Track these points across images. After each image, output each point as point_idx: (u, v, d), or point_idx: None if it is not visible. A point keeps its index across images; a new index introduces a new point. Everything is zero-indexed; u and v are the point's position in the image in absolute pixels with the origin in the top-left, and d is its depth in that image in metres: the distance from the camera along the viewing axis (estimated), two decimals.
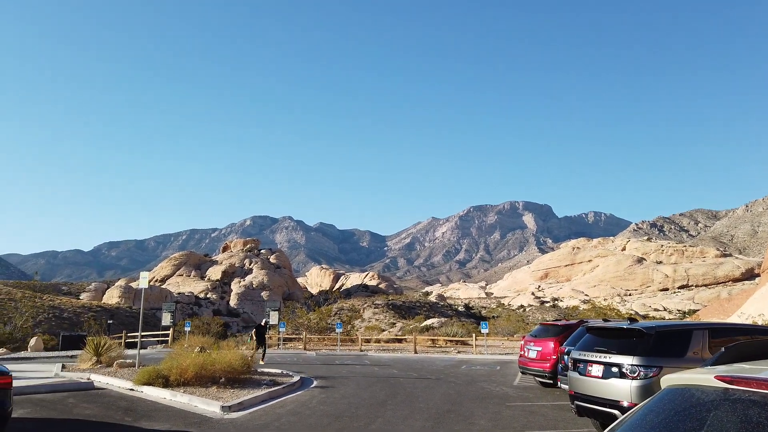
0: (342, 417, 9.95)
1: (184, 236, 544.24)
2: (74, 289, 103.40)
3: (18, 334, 40.66)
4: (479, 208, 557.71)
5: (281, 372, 16.26)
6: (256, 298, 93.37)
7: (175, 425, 9.21)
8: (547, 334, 14.20)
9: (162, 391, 12.32)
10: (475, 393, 13.00)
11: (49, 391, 13.02)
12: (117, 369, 16.55)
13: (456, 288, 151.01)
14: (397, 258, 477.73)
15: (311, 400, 11.95)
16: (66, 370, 17.41)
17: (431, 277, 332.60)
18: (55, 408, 10.83)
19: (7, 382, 7.10)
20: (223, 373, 13.30)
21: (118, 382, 14.15)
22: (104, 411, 10.55)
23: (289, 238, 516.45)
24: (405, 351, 28.87)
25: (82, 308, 67.24)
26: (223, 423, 9.45)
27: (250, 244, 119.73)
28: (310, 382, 14.87)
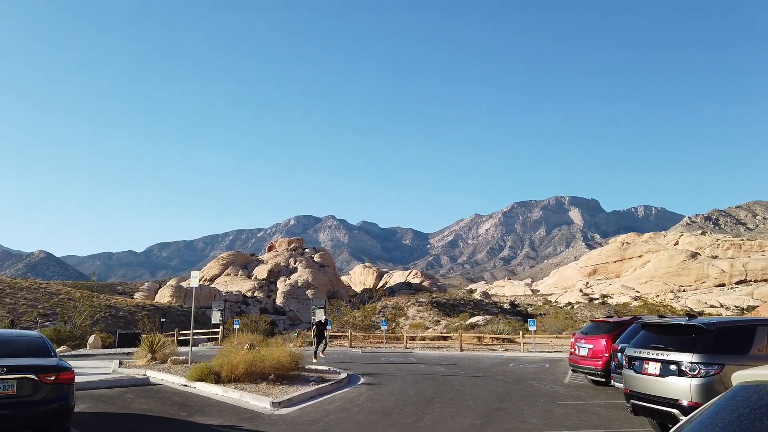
0: (390, 414, 9.95)
1: (230, 236, 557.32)
2: (128, 289, 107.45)
3: (77, 332, 42.50)
4: (523, 204, 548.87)
5: (328, 369, 16.41)
6: (302, 296, 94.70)
7: (227, 420, 9.41)
8: (598, 331, 13.83)
9: (214, 387, 12.62)
10: (525, 391, 12.77)
11: (108, 386, 13.54)
12: (171, 365, 17.06)
13: (501, 285, 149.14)
14: (440, 255, 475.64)
15: (359, 396, 12.00)
16: (123, 366, 18.08)
17: (475, 275, 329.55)
18: (114, 403, 11.25)
19: (70, 377, 7.40)
20: (272, 370, 13.51)
21: (172, 378, 14.58)
22: (160, 406, 10.89)
23: (333, 237, 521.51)
24: (450, 349, 28.68)
25: (136, 307, 69.77)
26: (274, 419, 9.60)
27: (295, 244, 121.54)
28: (357, 379, 14.95)
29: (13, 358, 7.20)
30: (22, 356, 7.43)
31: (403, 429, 8.64)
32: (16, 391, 6.83)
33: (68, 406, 7.29)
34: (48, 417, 7.07)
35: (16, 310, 56.55)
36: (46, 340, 8.27)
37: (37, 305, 60.76)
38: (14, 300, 61.52)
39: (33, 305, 60.61)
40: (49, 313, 57.98)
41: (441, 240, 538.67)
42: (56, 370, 7.24)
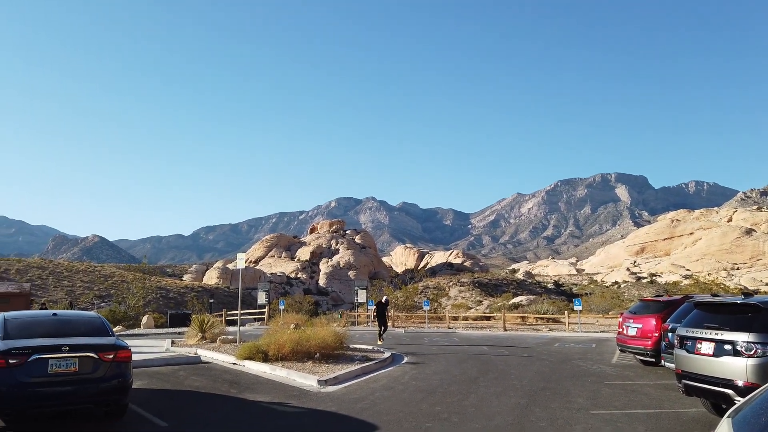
0: (435, 392, 10.01)
1: (273, 219, 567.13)
2: (177, 271, 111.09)
3: (131, 313, 44.36)
4: (567, 182, 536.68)
5: (372, 348, 16.60)
6: (344, 277, 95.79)
7: (276, 397, 9.67)
8: (648, 310, 13.49)
9: (262, 366, 12.97)
10: (571, 371, 12.62)
11: (162, 364, 14.10)
12: (220, 344, 17.60)
13: (544, 265, 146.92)
14: (481, 236, 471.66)
15: (403, 375, 12.11)
16: (175, 345, 18.77)
17: (517, 255, 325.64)
18: (168, 380, 11.71)
19: (128, 356, 7.74)
20: (318, 349, 13.77)
21: (221, 356, 15.05)
22: (212, 383, 11.28)
23: (373, 219, 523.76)
24: (494, 329, 28.56)
25: (185, 289, 72.13)
26: (321, 396, 9.80)
27: (336, 225, 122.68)
28: (401, 359, 15.08)
29: (74, 338, 7.57)
30: (82, 336, 7.80)
31: (448, 407, 8.68)
32: (77, 369, 7.18)
33: (126, 382, 7.63)
34: (107, 393, 7.42)
35: (73, 292, 59.34)
36: (104, 321, 8.65)
37: (92, 287, 63.59)
38: (71, 282, 64.54)
39: (89, 287, 63.46)
40: (104, 295, 60.62)
41: (482, 220, 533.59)
42: (114, 348, 7.58)
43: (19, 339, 7.30)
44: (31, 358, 6.91)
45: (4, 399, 6.74)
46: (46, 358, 7.00)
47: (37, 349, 7.01)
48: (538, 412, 8.29)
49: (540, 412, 8.34)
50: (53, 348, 7.09)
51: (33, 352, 6.96)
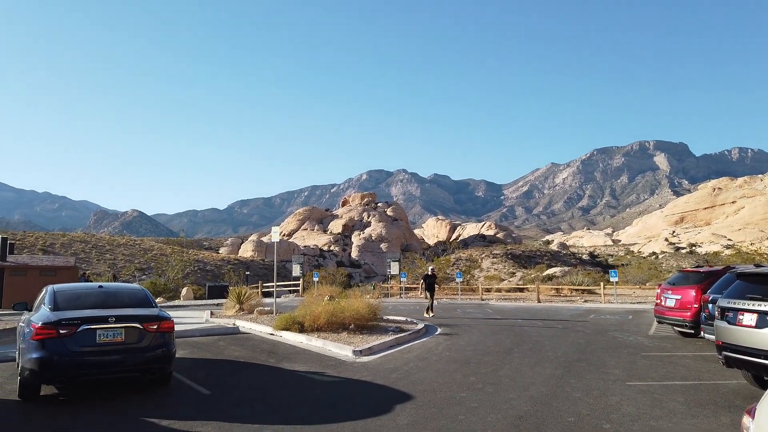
0: (469, 363, 10.09)
1: (306, 192, 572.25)
2: (213, 244, 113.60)
3: (171, 285, 45.73)
4: (603, 151, 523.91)
5: (405, 320, 16.77)
6: (376, 249, 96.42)
7: (313, 367, 9.90)
8: (687, 281, 13.21)
9: (298, 336, 13.26)
10: (607, 342, 12.52)
11: (202, 335, 14.57)
12: (257, 315, 18.04)
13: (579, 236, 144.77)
14: (514, 207, 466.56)
15: (437, 346, 12.22)
16: (214, 316, 19.33)
17: (552, 226, 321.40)
18: (209, 350, 12.10)
19: (171, 326, 8.01)
20: (352, 320, 13.99)
21: (259, 327, 15.44)
22: (250, 353, 11.61)
23: (405, 191, 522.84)
24: (527, 300, 28.45)
25: (221, 261, 73.83)
26: (356, 366, 9.99)
27: (368, 198, 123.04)
28: (434, 330, 15.20)
29: (120, 309, 7.87)
30: (127, 307, 8.09)
31: (482, 378, 8.75)
32: (124, 339, 7.48)
33: (170, 352, 7.92)
34: (152, 362, 7.72)
35: (115, 265, 61.42)
36: (147, 293, 8.94)
37: (133, 260, 65.67)
38: (113, 256, 66.75)
39: (130, 260, 65.56)
40: (145, 268, 62.58)
41: (515, 191, 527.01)
42: (158, 319, 7.85)
43: (68, 310, 7.62)
44: (81, 329, 7.22)
45: (57, 367, 7.08)
46: (95, 328, 7.30)
47: (85, 319, 7.32)
48: (574, 383, 8.28)
49: (575, 382, 8.33)
50: (100, 319, 7.39)
51: (82, 322, 7.27)
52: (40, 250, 61.83)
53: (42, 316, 7.44)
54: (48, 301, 7.91)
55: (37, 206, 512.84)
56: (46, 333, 7.10)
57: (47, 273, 30.27)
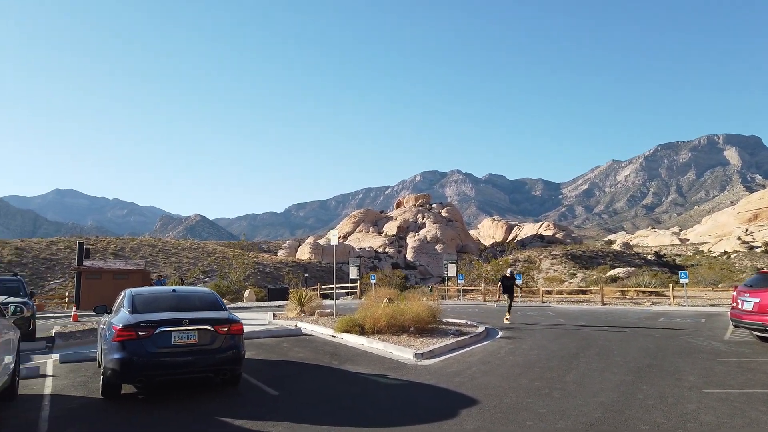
0: (533, 367, 9.90)
1: (360, 195, 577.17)
2: (272, 247, 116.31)
3: (234, 287, 47.16)
4: (669, 146, 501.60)
5: (465, 322, 16.63)
6: (431, 251, 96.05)
7: (375, 369, 9.98)
8: (766, 283, 12.47)
9: (359, 338, 13.40)
10: (679, 347, 11.99)
11: (267, 336, 14.96)
12: (318, 318, 18.36)
13: (644, 235, 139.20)
14: (573, 206, 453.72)
15: (499, 350, 12.06)
16: (277, 318, 19.80)
17: (614, 225, 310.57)
18: (274, 351, 12.42)
19: (240, 329, 8.28)
20: (412, 323, 14.00)
21: (320, 329, 15.71)
22: (314, 354, 11.83)
23: (459, 192, 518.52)
24: (591, 303, 27.63)
25: (280, 264, 75.48)
26: (418, 369, 9.99)
27: (422, 199, 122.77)
28: (495, 333, 15.00)
29: (192, 312, 8.21)
30: (198, 310, 8.42)
31: (548, 383, 8.57)
32: (197, 341, 7.79)
33: (240, 353, 8.18)
34: (223, 363, 8.00)
35: (181, 268, 63.93)
36: (217, 296, 9.28)
37: (197, 263, 68.12)
38: (179, 259, 69.49)
39: (194, 263, 68.04)
40: (208, 270, 64.79)
41: (574, 189, 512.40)
42: (228, 321, 8.13)
43: (145, 313, 8.01)
44: (157, 331, 7.58)
45: (136, 367, 7.46)
46: (170, 330, 7.65)
47: (162, 322, 7.67)
48: (646, 390, 7.98)
49: (648, 389, 8.02)
50: (175, 321, 7.73)
51: (159, 325, 7.63)
52: (111, 254, 65.21)
53: (122, 319, 7.85)
54: (127, 304, 8.35)
55: (108, 212, 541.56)
56: (126, 335, 7.49)
57: (120, 276, 31.91)
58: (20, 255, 61.00)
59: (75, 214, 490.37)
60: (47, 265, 59.94)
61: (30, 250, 63.81)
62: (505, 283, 18.91)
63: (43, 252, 63.78)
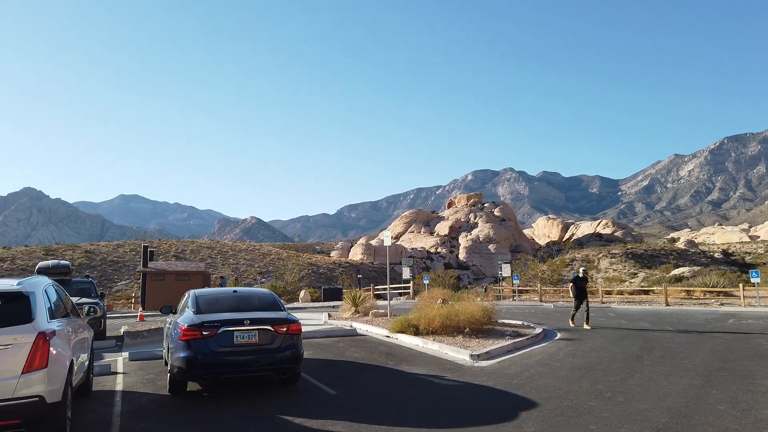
0: (594, 370, 9.63)
1: (411, 195, 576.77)
2: (325, 248, 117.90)
3: (289, 288, 48.10)
4: (736, 138, 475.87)
5: (522, 323, 16.35)
6: (484, 251, 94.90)
7: (431, 370, 9.96)
8: None
9: (414, 339, 13.40)
10: (752, 350, 11.37)
11: (323, 336, 15.19)
12: (372, 318, 18.48)
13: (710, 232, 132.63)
14: (633, 203, 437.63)
15: (558, 352, 11.79)
16: (332, 318, 20.06)
17: (677, 222, 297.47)
18: (330, 351, 12.59)
19: (298, 329, 8.46)
20: (467, 324, 13.88)
21: (375, 329, 15.81)
22: (369, 354, 11.92)
23: (512, 190, 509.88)
24: (653, 303, 26.59)
25: (333, 264, 76.43)
26: (475, 370, 9.90)
27: (474, 199, 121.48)
28: (553, 335, 14.68)
29: (253, 312, 8.44)
30: (258, 310, 8.65)
31: (611, 386, 8.31)
32: (258, 340, 8.01)
33: (298, 353, 8.35)
34: (283, 362, 8.18)
35: (238, 269, 65.79)
36: (276, 297, 9.50)
37: (254, 264, 69.90)
38: (236, 260, 71.52)
39: (251, 265, 69.86)
40: (264, 271, 66.37)
41: (634, 186, 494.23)
42: (287, 322, 8.32)
43: (208, 313, 8.30)
44: (220, 331, 7.84)
45: (201, 366, 7.74)
46: (232, 330, 7.89)
47: (224, 322, 7.93)
48: (716, 394, 7.61)
49: (718, 393, 7.66)
50: (237, 321, 7.97)
51: (221, 325, 7.89)
52: (173, 256, 67.87)
53: (187, 319, 8.16)
54: (191, 305, 8.67)
55: (169, 216, 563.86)
56: (191, 334, 7.79)
57: (182, 277, 33.14)
58: (90, 258, 64.39)
59: (139, 218, 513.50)
60: (114, 267, 63.01)
61: (98, 253, 67.25)
62: (578, 284, 17.25)
63: (110, 255, 67.08)
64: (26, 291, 5.84)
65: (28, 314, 5.59)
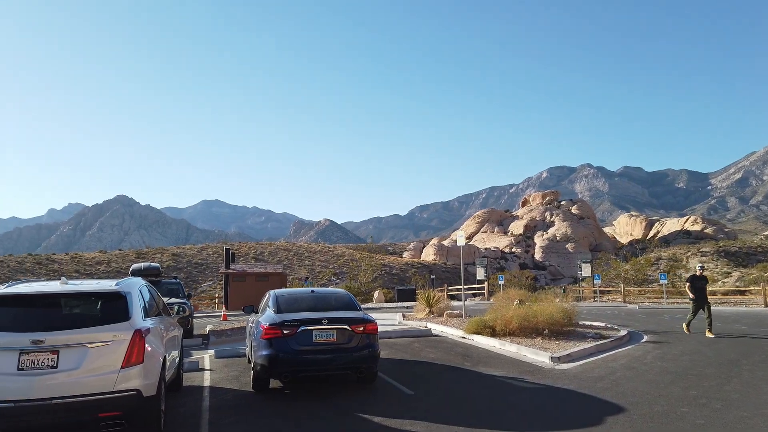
0: (686, 374, 9.07)
1: (483, 194, 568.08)
2: (397, 249, 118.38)
3: (363, 288, 48.75)
4: None
5: (605, 325, 15.67)
6: (561, 250, 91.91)
7: (510, 372, 9.74)
8: None
9: (490, 340, 13.17)
10: None
11: (398, 336, 15.24)
12: (447, 319, 18.35)
13: None
14: (725, 197, 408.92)
15: (645, 355, 11.20)
16: (406, 319, 20.11)
17: None
18: (406, 351, 12.62)
19: (375, 328, 8.54)
20: (546, 325, 13.47)
21: (450, 330, 15.68)
22: (445, 355, 11.83)
23: (590, 187, 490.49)
24: (750, 304, 24.75)
25: (405, 265, 76.63)
26: (556, 373, 9.59)
27: (549, 197, 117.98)
28: (639, 337, 13.96)
29: (330, 312, 8.60)
30: (335, 310, 8.80)
31: (705, 392, 7.79)
32: (335, 339, 8.15)
33: (375, 352, 8.42)
34: (360, 361, 8.28)
35: (313, 270, 67.40)
36: (352, 297, 9.64)
37: (328, 266, 71.37)
38: (311, 262, 73.31)
39: (325, 266, 71.38)
40: (338, 272, 67.61)
41: (725, 179, 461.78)
42: (363, 321, 8.41)
43: (288, 313, 8.53)
44: (300, 330, 8.04)
45: (282, 363, 7.97)
46: (311, 329, 8.07)
47: (304, 321, 8.13)
48: None
49: None
50: (316, 321, 8.15)
51: (301, 324, 8.09)
52: (252, 258, 70.57)
53: (268, 318, 8.44)
54: (272, 304, 8.96)
55: (248, 219, 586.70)
56: (272, 333, 8.04)
57: (261, 278, 34.40)
58: (176, 260, 68.17)
59: (220, 222, 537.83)
60: (199, 269, 66.35)
61: (184, 256, 71.06)
62: (697, 284, 14.84)
63: (195, 257, 70.70)
64: (123, 291, 6.24)
65: (125, 313, 5.98)
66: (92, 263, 64.89)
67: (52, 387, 5.29)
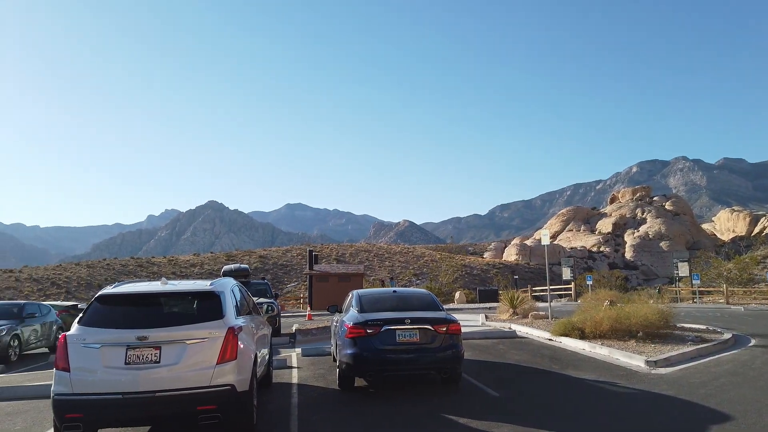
0: None
1: (568, 192, 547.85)
2: (477, 249, 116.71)
3: (444, 289, 48.43)
4: None
5: (706, 328, 14.62)
6: (654, 249, 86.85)
7: (601, 376, 9.30)
8: None
9: (579, 343, 12.65)
10: None
11: (481, 337, 15.00)
12: (532, 320, 17.84)
13: None
14: None
15: (753, 360, 10.34)
16: (488, 320, 19.76)
17: None
18: (490, 352, 12.39)
19: (458, 329, 8.45)
20: (640, 327, 12.74)
21: (535, 332, 15.22)
22: (531, 357, 11.50)
23: (686, 181, 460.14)
24: None
25: (486, 266, 75.41)
26: (652, 378, 9.05)
27: (640, 193, 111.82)
28: (746, 341, 12.90)
29: (413, 312, 8.60)
30: (418, 310, 8.79)
31: None
32: (418, 339, 8.14)
33: (459, 353, 8.33)
34: (444, 362, 8.22)
35: (393, 271, 67.84)
36: (434, 297, 9.59)
37: (408, 266, 71.59)
38: (391, 263, 73.86)
39: (405, 266, 71.64)
40: (419, 273, 67.63)
41: None
42: (446, 322, 8.35)
43: (371, 312, 8.62)
44: (383, 329, 8.10)
45: (366, 362, 8.06)
46: (394, 329, 8.11)
47: (387, 321, 8.18)
48: None
49: None
50: (399, 320, 8.18)
51: (384, 323, 8.15)
52: (334, 259, 72.15)
53: (352, 317, 8.57)
54: (355, 304, 9.10)
55: (329, 222, 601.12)
56: (356, 332, 8.16)
57: (343, 279, 35.09)
58: (263, 262, 70.99)
59: (303, 224, 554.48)
60: (284, 270, 68.72)
61: (270, 258, 73.88)
62: None
63: (280, 259, 73.32)
64: (217, 290, 6.57)
65: (219, 311, 6.29)
66: (187, 265, 68.96)
67: (155, 380, 5.66)
